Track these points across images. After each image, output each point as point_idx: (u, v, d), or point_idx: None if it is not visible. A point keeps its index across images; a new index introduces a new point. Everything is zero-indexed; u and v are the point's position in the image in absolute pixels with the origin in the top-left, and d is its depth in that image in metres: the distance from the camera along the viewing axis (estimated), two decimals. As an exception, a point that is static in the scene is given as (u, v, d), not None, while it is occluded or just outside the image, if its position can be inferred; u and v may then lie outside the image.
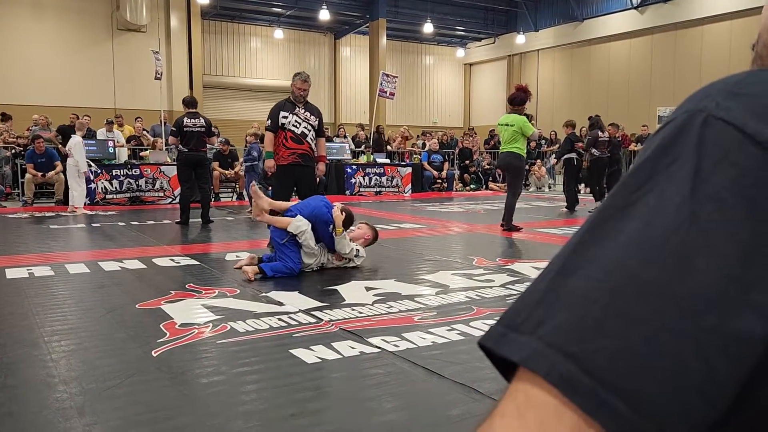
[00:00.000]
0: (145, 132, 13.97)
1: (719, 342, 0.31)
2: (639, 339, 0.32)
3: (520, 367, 0.34)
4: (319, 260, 5.04)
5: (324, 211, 4.95)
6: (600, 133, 10.00)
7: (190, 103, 8.29)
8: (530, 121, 7.65)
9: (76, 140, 9.58)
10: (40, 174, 10.92)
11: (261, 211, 5.03)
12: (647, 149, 0.38)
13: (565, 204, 10.40)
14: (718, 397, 0.32)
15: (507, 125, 7.33)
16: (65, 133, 11.77)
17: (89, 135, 12.79)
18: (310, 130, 6.10)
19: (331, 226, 4.94)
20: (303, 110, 6.09)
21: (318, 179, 6.48)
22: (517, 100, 7.32)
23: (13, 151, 12.08)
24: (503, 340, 0.35)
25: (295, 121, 6.03)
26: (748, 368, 0.32)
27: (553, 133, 17.68)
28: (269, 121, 6.09)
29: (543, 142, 17.36)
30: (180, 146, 8.11)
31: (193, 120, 8.09)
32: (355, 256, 5.15)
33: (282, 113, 6.02)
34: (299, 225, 4.82)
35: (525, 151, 7.52)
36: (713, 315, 0.31)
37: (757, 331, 0.32)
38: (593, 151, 10.03)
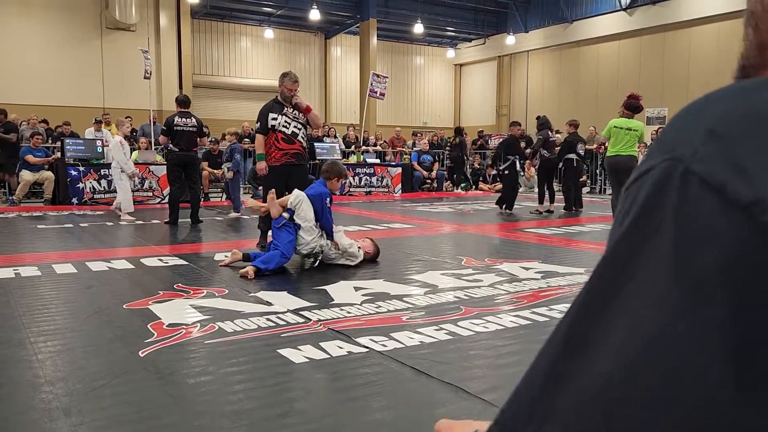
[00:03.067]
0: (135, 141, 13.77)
1: None
2: None
3: None
4: (317, 241, 5.12)
5: (320, 187, 5.32)
6: (549, 134, 10.04)
7: (183, 102, 8.22)
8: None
9: (114, 141, 9.17)
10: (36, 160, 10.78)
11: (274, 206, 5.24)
12: (630, 209, 0.34)
13: (563, 204, 10.32)
14: None
15: (630, 129, 7.91)
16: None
17: (74, 134, 12.73)
18: (300, 129, 6.09)
19: (329, 199, 5.26)
20: (291, 109, 6.08)
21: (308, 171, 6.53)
22: (639, 108, 8.05)
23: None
24: None
25: (285, 121, 6.02)
26: None
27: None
28: (258, 123, 6.08)
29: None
30: (171, 146, 8.07)
31: (184, 119, 8.05)
32: (357, 250, 5.35)
33: (271, 115, 6.01)
34: (296, 195, 5.14)
35: None
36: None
37: None
38: (543, 152, 10.05)
